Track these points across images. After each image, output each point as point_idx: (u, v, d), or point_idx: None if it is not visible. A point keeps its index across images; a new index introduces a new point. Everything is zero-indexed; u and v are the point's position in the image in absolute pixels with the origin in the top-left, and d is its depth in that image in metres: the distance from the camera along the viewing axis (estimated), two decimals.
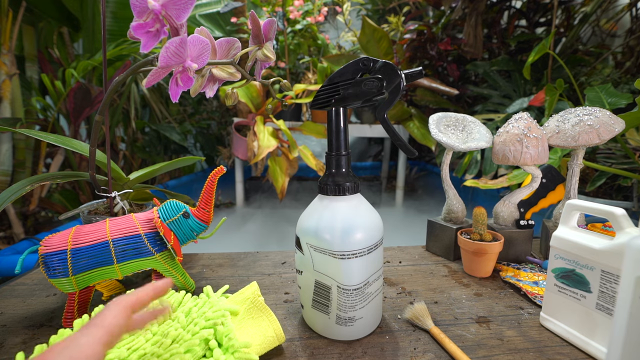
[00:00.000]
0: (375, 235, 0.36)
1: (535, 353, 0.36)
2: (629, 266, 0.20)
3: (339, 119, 0.36)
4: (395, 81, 0.34)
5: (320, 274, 0.36)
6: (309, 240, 0.36)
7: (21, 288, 0.50)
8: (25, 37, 1.39)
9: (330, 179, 0.36)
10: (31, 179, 0.44)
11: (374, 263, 0.37)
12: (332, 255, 0.35)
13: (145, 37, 0.29)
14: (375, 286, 0.38)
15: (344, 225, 0.35)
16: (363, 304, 0.36)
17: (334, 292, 0.36)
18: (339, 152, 0.36)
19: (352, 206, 0.36)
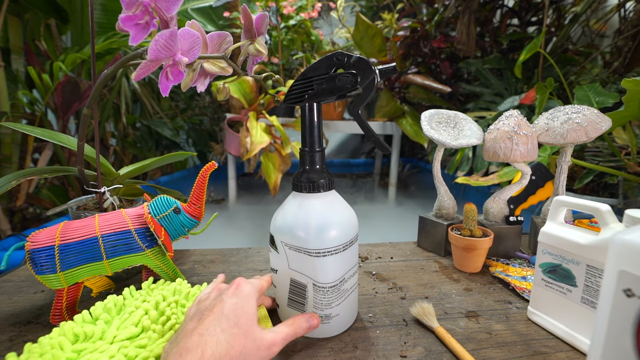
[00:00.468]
0: (350, 232, 0.36)
1: (522, 346, 0.36)
2: (612, 260, 0.21)
3: (312, 114, 0.35)
4: (370, 77, 0.34)
5: (295, 272, 0.36)
6: (284, 239, 0.36)
7: (8, 285, 0.49)
8: (11, 28, 1.35)
9: (305, 175, 0.36)
10: (17, 173, 0.43)
11: (349, 260, 0.37)
12: (307, 253, 0.34)
13: (134, 29, 0.29)
14: (351, 283, 0.38)
15: (318, 222, 0.35)
16: (339, 301, 0.37)
17: (310, 290, 0.36)
18: (313, 148, 0.36)
19: (326, 203, 0.36)
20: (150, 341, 0.30)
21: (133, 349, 0.29)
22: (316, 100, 0.35)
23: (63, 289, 0.38)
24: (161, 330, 0.31)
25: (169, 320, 0.32)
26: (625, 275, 0.20)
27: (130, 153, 1.88)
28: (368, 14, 2.45)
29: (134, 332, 0.31)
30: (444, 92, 1.70)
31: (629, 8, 1.52)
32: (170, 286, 0.38)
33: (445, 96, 1.96)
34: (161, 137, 2.03)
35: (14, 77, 1.38)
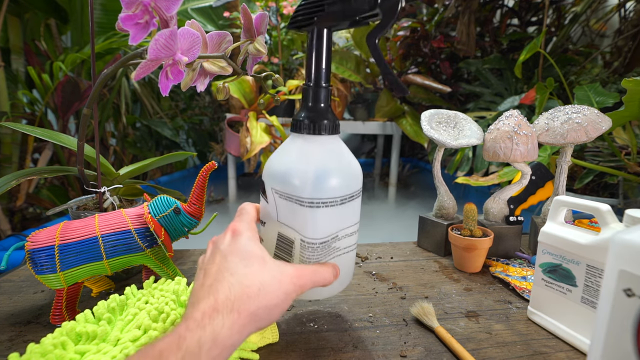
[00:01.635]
0: (351, 184, 0.31)
1: (522, 346, 0.36)
2: (612, 260, 0.21)
3: (321, 43, 0.29)
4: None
5: (283, 226, 0.32)
6: (275, 185, 0.31)
7: (8, 285, 0.49)
8: (11, 28, 1.35)
9: (306, 114, 0.31)
10: (17, 173, 0.43)
11: (346, 216, 0.32)
12: (299, 202, 0.30)
13: (134, 29, 0.29)
14: (347, 242, 0.33)
15: (316, 168, 0.30)
16: (328, 258, 0.32)
17: (297, 247, 0.31)
18: (319, 83, 0.30)
19: (328, 149, 0.31)
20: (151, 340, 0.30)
21: (134, 349, 0.29)
22: (326, 25, 0.29)
23: (63, 289, 0.38)
24: (162, 327, 0.31)
25: (169, 316, 0.32)
26: (626, 275, 0.20)
27: (130, 153, 1.88)
28: None
29: (137, 335, 0.31)
30: (444, 92, 1.70)
31: (629, 8, 1.52)
32: (170, 285, 0.38)
33: (445, 96, 1.96)
34: (161, 137, 2.03)
35: (14, 77, 1.38)
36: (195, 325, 0.22)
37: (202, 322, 0.22)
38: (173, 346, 0.21)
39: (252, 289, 0.24)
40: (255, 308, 0.24)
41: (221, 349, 0.22)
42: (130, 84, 1.87)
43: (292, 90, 1.74)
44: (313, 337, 0.37)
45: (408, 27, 1.85)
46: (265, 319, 0.25)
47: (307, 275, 0.28)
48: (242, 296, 0.24)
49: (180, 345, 0.21)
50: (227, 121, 1.80)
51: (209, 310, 0.23)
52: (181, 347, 0.21)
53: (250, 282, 0.25)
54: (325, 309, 0.43)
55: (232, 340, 0.23)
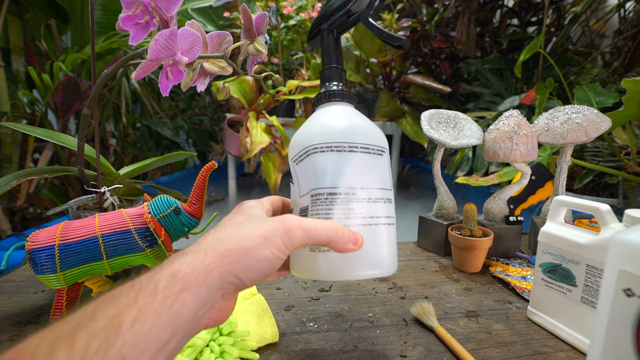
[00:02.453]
0: (368, 136, 0.29)
1: (522, 346, 0.36)
2: (612, 260, 0.21)
3: (330, 39, 0.35)
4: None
5: (303, 198, 0.29)
6: (293, 153, 0.30)
7: (8, 285, 0.49)
8: (11, 28, 1.35)
9: (324, 89, 0.33)
10: (17, 173, 0.43)
11: (366, 171, 0.28)
12: (306, 153, 0.29)
13: (134, 29, 0.29)
14: (372, 209, 0.28)
15: (337, 121, 0.30)
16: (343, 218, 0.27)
17: (309, 208, 0.28)
18: (331, 64, 0.34)
19: (348, 110, 0.31)
20: None
21: None
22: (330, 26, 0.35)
23: (63, 289, 0.38)
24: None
25: None
26: (625, 275, 0.20)
27: (130, 153, 1.88)
28: None
29: None
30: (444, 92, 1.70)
31: (628, 8, 1.52)
32: None
33: (445, 96, 1.96)
34: (161, 137, 2.03)
35: (14, 77, 1.38)
36: (155, 268, 0.20)
37: (162, 264, 0.20)
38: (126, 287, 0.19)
39: (225, 234, 0.22)
40: (224, 250, 0.21)
41: (182, 286, 0.19)
42: (130, 84, 1.87)
43: (292, 90, 1.74)
44: (313, 337, 0.37)
45: (408, 27, 1.86)
46: (240, 264, 0.21)
47: (296, 220, 0.24)
48: (212, 240, 0.22)
49: (134, 285, 0.19)
50: (227, 121, 1.80)
51: (175, 255, 0.21)
52: (134, 286, 0.19)
53: (226, 230, 0.23)
54: (325, 309, 0.43)
55: (196, 278, 0.20)
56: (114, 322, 0.16)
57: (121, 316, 0.17)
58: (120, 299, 0.18)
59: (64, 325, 0.16)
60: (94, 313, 0.17)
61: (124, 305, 0.17)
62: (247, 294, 0.43)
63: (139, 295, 0.18)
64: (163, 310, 0.18)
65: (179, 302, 0.19)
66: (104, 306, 0.17)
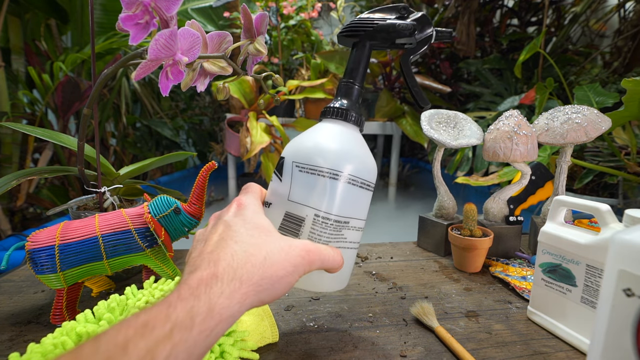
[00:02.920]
0: (370, 173, 0.32)
1: (522, 346, 0.36)
2: (612, 260, 0.21)
3: (363, 52, 0.35)
4: (427, 32, 0.36)
5: (294, 205, 0.31)
6: (297, 158, 0.31)
7: (8, 285, 0.49)
8: (11, 28, 1.35)
9: (339, 102, 0.33)
10: (17, 173, 0.43)
11: (360, 205, 0.32)
12: (321, 173, 0.30)
13: (134, 29, 0.29)
14: (353, 236, 0.33)
15: (346, 146, 0.31)
16: (335, 245, 0.31)
17: (307, 224, 0.30)
18: (354, 81, 0.34)
19: (354, 136, 0.33)
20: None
21: None
22: (370, 40, 0.35)
23: (63, 289, 0.38)
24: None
25: None
26: (625, 275, 0.20)
27: (130, 153, 1.88)
28: None
29: None
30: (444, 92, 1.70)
31: (628, 8, 1.52)
32: (170, 285, 0.38)
33: (445, 96, 1.96)
34: (161, 137, 2.03)
35: (15, 77, 1.38)
36: (189, 293, 0.19)
37: (197, 291, 0.20)
38: (160, 316, 0.18)
39: (257, 258, 0.22)
40: (259, 278, 0.22)
41: (218, 321, 0.19)
42: (130, 84, 1.87)
43: (292, 91, 1.74)
44: (313, 337, 0.37)
45: None
46: (269, 292, 0.22)
47: (316, 251, 0.26)
48: (245, 264, 0.22)
49: (170, 316, 0.18)
50: (227, 121, 1.80)
51: (206, 278, 0.20)
52: (170, 318, 0.18)
53: (256, 251, 0.23)
54: (325, 309, 0.43)
55: (231, 311, 0.20)
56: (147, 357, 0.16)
57: (154, 352, 0.17)
58: (154, 330, 0.17)
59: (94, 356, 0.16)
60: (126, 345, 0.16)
61: (158, 339, 0.17)
62: None
63: (175, 329, 0.18)
64: (197, 345, 0.18)
65: (212, 335, 0.19)
66: (137, 338, 0.17)
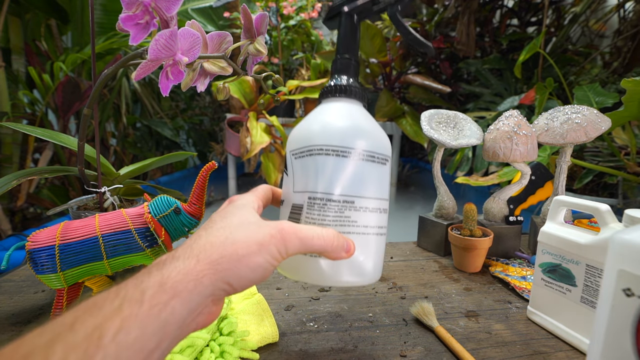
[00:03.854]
0: (378, 144, 0.28)
1: (522, 345, 0.36)
2: (612, 260, 0.21)
3: (352, 21, 0.33)
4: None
5: (297, 194, 0.28)
6: (292, 146, 0.30)
7: (8, 285, 0.49)
8: (11, 28, 1.35)
9: (334, 81, 0.31)
10: (17, 173, 0.43)
11: (366, 180, 0.28)
12: (309, 152, 0.28)
13: (134, 29, 0.29)
14: (367, 219, 0.28)
15: (333, 118, 0.29)
16: (340, 229, 0.27)
17: (304, 211, 0.28)
18: (344, 54, 0.32)
19: (355, 110, 0.30)
20: None
21: None
22: (355, 10, 0.33)
23: (63, 289, 0.38)
24: None
25: None
26: (625, 275, 0.20)
27: (131, 153, 1.88)
28: None
29: None
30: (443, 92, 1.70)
31: (628, 8, 1.52)
32: None
33: (445, 96, 1.96)
34: (161, 137, 2.03)
35: (15, 78, 1.38)
36: (142, 273, 0.19)
37: (150, 269, 0.19)
38: (110, 295, 0.18)
39: (219, 238, 0.21)
40: (218, 256, 0.21)
41: (171, 295, 0.18)
42: (130, 84, 1.87)
43: (292, 91, 1.74)
44: (313, 337, 0.37)
45: None
46: (233, 272, 0.21)
47: (291, 228, 0.23)
48: (205, 244, 0.21)
49: (119, 293, 0.18)
50: (227, 121, 1.80)
51: (163, 259, 0.20)
52: (119, 294, 0.17)
53: (219, 233, 0.22)
54: (325, 309, 0.43)
55: (187, 286, 0.19)
56: (94, 333, 0.15)
57: (103, 327, 0.16)
58: (103, 307, 0.17)
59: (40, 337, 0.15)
60: (74, 323, 0.16)
61: (106, 314, 0.16)
62: (248, 294, 0.43)
63: (124, 303, 0.17)
64: (149, 319, 0.17)
65: (167, 310, 0.18)
66: (85, 316, 0.16)
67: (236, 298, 0.42)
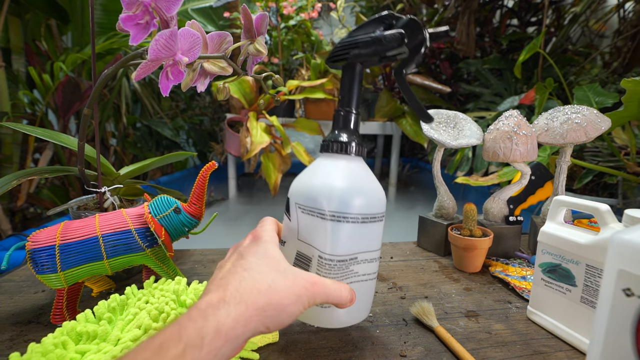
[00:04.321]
0: (374, 205, 0.32)
1: (522, 345, 0.36)
2: (612, 260, 0.21)
3: (354, 75, 0.33)
4: (418, 37, 0.31)
5: (303, 244, 0.32)
6: (299, 199, 0.32)
7: (8, 284, 0.49)
8: (11, 28, 1.35)
9: (335, 136, 0.33)
10: (18, 173, 0.43)
11: (367, 238, 0.32)
12: (321, 215, 0.31)
13: (134, 29, 0.29)
14: (366, 268, 0.33)
15: (341, 183, 0.31)
16: (345, 281, 0.32)
17: (314, 265, 0.32)
18: (349, 109, 0.33)
19: (354, 167, 0.33)
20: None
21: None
22: (359, 60, 0.33)
23: (64, 289, 0.38)
24: (163, 327, 0.31)
25: (169, 316, 0.32)
26: (625, 275, 0.20)
27: (131, 153, 1.88)
28: (368, 14, 2.45)
29: (137, 335, 0.31)
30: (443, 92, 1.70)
31: (628, 8, 1.52)
32: (170, 285, 0.38)
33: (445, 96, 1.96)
34: (161, 137, 2.03)
35: (15, 78, 1.38)
36: (198, 314, 0.21)
37: (205, 312, 0.21)
38: (174, 337, 0.20)
39: (263, 284, 0.24)
40: (264, 304, 0.23)
41: (224, 340, 0.21)
42: (130, 84, 1.87)
43: (292, 91, 1.74)
44: (313, 337, 0.37)
45: None
46: (273, 318, 0.24)
47: (321, 284, 0.27)
48: (252, 289, 0.24)
49: (181, 336, 0.20)
50: (227, 121, 1.80)
51: (215, 301, 0.22)
52: (182, 338, 0.20)
53: (262, 277, 0.25)
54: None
55: (237, 332, 0.22)
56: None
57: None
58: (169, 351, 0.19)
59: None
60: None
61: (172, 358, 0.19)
62: None
63: (187, 349, 0.20)
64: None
65: (220, 353, 0.21)
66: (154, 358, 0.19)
67: None
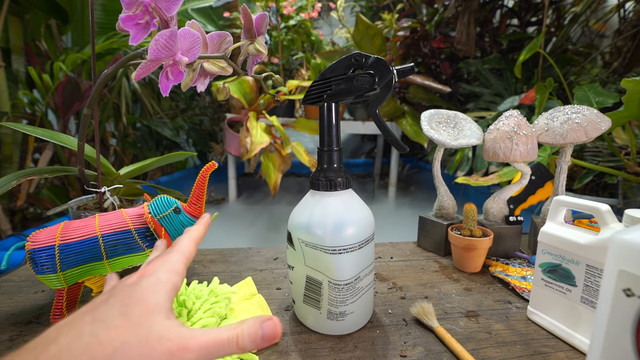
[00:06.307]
0: (366, 230, 0.37)
1: (522, 346, 0.36)
2: (612, 260, 0.21)
3: (331, 114, 0.36)
4: (387, 77, 0.35)
5: (311, 270, 0.37)
6: (300, 236, 0.36)
7: (8, 285, 0.49)
8: (11, 28, 1.35)
9: (322, 174, 0.37)
10: (17, 173, 0.43)
11: (365, 258, 0.37)
12: (324, 250, 0.35)
13: (134, 29, 0.29)
14: (366, 281, 0.38)
15: (335, 220, 0.35)
16: (354, 299, 0.37)
17: (325, 288, 0.36)
18: (331, 147, 0.36)
19: (343, 201, 0.37)
20: None
21: None
22: (334, 100, 0.36)
23: (63, 289, 0.38)
24: None
25: None
26: (625, 275, 0.20)
27: (131, 153, 1.88)
28: (368, 14, 2.45)
29: None
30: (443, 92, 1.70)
31: (628, 8, 1.52)
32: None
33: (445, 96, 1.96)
34: (161, 137, 2.03)
35: (15, 78, 1.38)
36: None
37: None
38: None
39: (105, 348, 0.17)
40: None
41: None
42: (130, 84, 1.87)
43: (292, 91, 1.74)
44: (313, 337, 0.37)
45: (408, 28, 1.85)
46: None
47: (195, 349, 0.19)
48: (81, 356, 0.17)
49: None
50: (227, 121, 1.80)
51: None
52: None
53: (110, 338, 0.17)
54: None
55: None
56: None
57: None
58: None
59: None
60: None
61: None
62: (248, 294, 0.43)
63: None
64: None
65: None
66: None
67: (236, 298, 0.42)
